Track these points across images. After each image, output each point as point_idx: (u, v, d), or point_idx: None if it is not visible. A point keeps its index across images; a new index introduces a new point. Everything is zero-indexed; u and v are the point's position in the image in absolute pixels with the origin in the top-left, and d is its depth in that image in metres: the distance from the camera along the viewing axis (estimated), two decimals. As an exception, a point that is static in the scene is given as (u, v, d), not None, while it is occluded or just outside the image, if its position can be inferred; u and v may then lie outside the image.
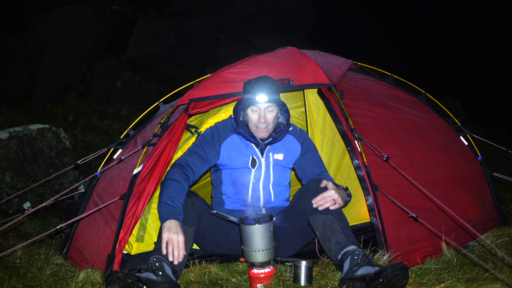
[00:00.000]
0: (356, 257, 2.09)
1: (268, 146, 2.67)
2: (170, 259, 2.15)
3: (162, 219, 2.27)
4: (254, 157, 2.66)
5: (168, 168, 2.67)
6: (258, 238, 2.11)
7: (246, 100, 2.56)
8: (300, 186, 2.91)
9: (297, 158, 2.75)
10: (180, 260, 2.17)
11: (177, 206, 2.31)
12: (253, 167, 2.65)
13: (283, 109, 2.65)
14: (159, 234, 2.36)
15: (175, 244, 2.17)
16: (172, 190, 2.38)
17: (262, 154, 2.67)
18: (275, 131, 2.64)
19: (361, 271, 2.01)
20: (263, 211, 2.31)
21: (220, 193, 2.75)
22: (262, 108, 2.54)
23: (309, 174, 2.70)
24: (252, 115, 2.57)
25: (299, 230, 2.56)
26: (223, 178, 2.73)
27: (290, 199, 2.76)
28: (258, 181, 2.66)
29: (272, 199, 2.68)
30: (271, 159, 2.68)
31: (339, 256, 2.19)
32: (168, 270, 2.11)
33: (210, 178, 3.09)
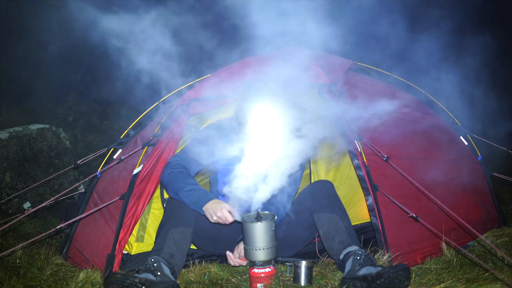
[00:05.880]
0: (358, 257, 2.09)
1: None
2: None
3: (198, 204, 2.35)
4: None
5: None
6: (260, 236, 2.13)
7: (244, 110, 2.54)
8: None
9: None
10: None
11: (203, 189, 2.42)
12: None
13: None
14: (157, 235, 2.37)
15: (224, 219, 2.31)
16: (188, 177, 2.47)
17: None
18: None
19: (363, 271, 2.01)
20: (259, 210, 2.32)
21: (216, 193, 2.74)
22: None
23: None
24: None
25: (300, 231, 2.55)
26: (219, 177, 2.72)
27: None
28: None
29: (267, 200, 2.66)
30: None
31: (341, 256, 2.19)
32: (167, 270, 2.12)
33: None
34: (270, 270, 2.16)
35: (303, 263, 2.18)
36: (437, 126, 3.28)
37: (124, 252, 2.73)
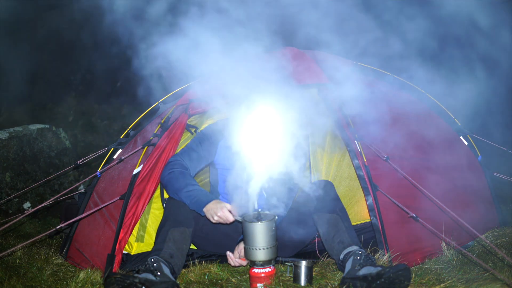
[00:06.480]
0: (358, 257, 2.09)
1: None
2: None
3: (198, 205, 2.34)
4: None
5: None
6: (260, 236, 2.13)
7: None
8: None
9: None
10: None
11: (203, 189, 2.42)
12: None
13: None
14: (157, 235, 2.37)
15: (225, 218, 2.29)
16: (188, 177, 2.46)
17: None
18: None
19: (363, 271, 2.01)
20: (260, 210, 2.32)
21: (217, 193, 2.74)
22: None
23: None
24: None
25: (300, 231, 2.55)
26: (219, 177, 2.72)
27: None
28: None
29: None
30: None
31: (342, 256, 2.19)
32: (167, 270, 2.12)
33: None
34: (270, 270, 2.16)
35: (303, 263, 2.18)
36: (437, 126, 3.28)
37: (124, 252, 2.73)
